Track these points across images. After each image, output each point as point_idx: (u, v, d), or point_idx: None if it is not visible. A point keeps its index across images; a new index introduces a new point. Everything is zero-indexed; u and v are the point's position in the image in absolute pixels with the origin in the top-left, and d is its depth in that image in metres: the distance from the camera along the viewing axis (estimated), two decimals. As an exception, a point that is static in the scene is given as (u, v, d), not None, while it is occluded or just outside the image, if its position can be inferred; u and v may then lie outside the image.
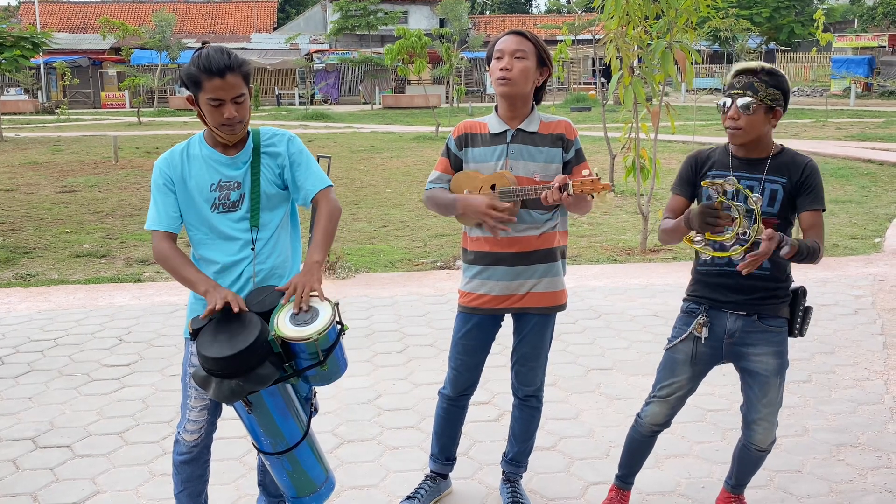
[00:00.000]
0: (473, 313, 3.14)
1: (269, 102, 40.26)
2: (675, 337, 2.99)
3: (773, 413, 2.91)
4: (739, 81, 2.75)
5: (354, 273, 7.28)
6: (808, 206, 2.77)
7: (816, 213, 2.77)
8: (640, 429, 3.09)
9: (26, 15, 44.92)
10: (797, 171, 2.78)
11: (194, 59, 2.57)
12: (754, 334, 2.86)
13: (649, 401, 3.06)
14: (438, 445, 3.38)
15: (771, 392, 2.88)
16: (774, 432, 2.95)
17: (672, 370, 2.98)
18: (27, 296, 6.62)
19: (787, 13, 38.88)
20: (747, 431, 2.97)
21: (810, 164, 2.79)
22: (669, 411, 3.02)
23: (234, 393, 2.43)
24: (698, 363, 2.94)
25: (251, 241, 2.70)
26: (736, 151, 2.85)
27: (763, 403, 2.89)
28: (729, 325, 2.88)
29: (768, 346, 2.86)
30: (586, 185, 2.80)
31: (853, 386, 4.59)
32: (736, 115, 2.73)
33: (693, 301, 2.96)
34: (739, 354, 2.90)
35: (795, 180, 2.77)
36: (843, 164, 14.30)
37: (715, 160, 2.89)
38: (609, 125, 9.66)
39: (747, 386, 2.93)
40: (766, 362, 2.86)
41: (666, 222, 2.91)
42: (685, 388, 2.98)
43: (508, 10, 67.41)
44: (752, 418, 2.93)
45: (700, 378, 3.00)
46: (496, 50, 2.98)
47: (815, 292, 6.41)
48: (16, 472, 3.69)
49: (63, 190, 12.57)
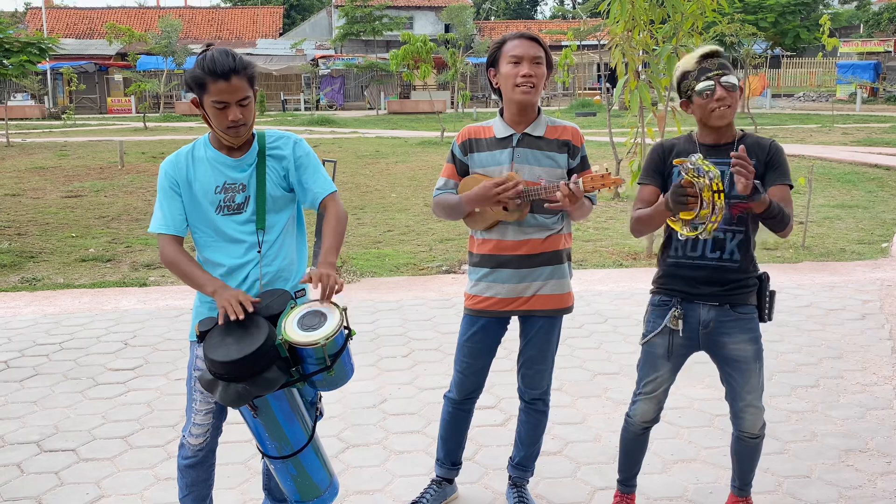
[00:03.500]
0: (479, 316, 3.12)
1: (275, 108, 40.31)
2: (650, 331, 3.01)
3: (758, 398, 2.96)
4: (713, 63, 2.81)
5: (360, 277, 7.27)
6: (777, 182, 2.84)
7: (784, 188, 2.84)
8: (631, 428, 3.12)
9: (33, 21, 45.11)
10: (763, 151, 2.86)
11: (199, 61, 2.56)
12: (728, 323, 2.91)
13: (636, 399, 3.08)
14: (444, 450, 3.36)
15: (752, 378, 2.93)
16: (762, 417, 2.98)
17: (653, 365, 3.01)
18: (33, 300, 6.62)
19: (792, 18, 38.78)
20: (736, 421, 3.00)
21: (774, 144, 2.88)
22: (657, 406, 3.06)
23: (240, 397, 2.42)
24: (676, 355, 2.99)
25: (257, 243, 2.69)
26: (702, 139, 2.91)
27: (746, 390, 2.94)
28: (703, 316, 2.91)
29: (743, 332, 2.91)
30: (597, 181, 2.79)
31: (861, 391, 4.57)
32: (723, 94, 2.78)
33: (664, 293, 2.98)
34: (716, 344, 2.94)
35: (762, 160, 2.84)
36: (850, 169, 14.25)
37: (681, 149, 2.92)
38: (615, 130, 9.64)
39: (728, 375, 2.97)
40: (743, 349, 2.91)
41: (639, 212, 2.93)
42: (668, 381, 3.03)
43: (513, 15, 67.50)
44: (738, 406, 2.97)
45: (678, 369, 3.04)
46: (512, 55, 2.94)
47: (822, 297, 6.40)
48: (20, 475, 3.69)
49: (69, 195, 12.60)
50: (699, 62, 2.83)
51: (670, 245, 2.95)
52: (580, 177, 2.81)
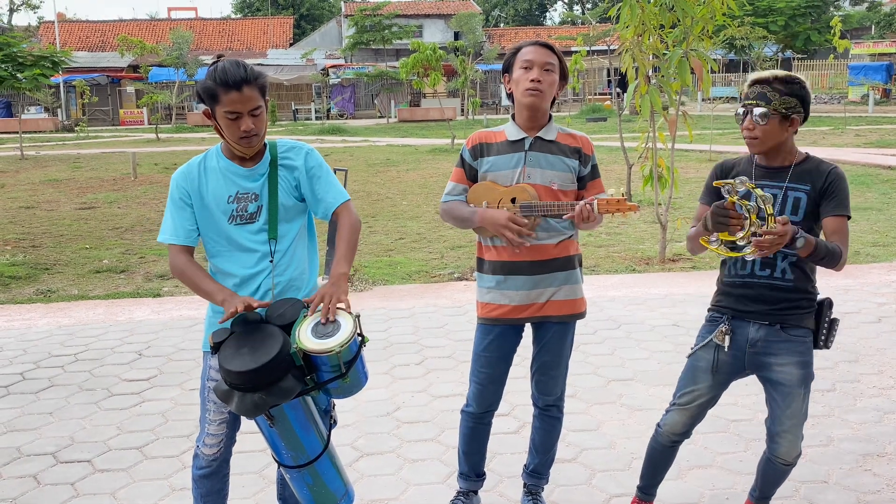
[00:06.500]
0: (494, 324, 3.11)
1: (286, 117, 40.46)
2: (697, 344, 2.97)
3: (798, 425, 2.86)
4: (753, 91, 2.76)
5: (372, 285, 7.27)
6: (831, 212, 2.74)
7: (840, 219, 2.73)
8: (659, 438, 3.06)
9: (46, 34, 45.46)
10: (820, 178, 2.76)
11: (210, 72, 2.57)
12: (777, 344, 2.82)
13: (669, 409, 3.03)
14: (468, 464, 3.33)
15: (795, 403, 2.83)
16: (800, 445, 2.90)
17: (693, 378, 2.95)
18: (47, 311, 6.66)
19: (803, 21, 38.66)
20: (772, 444, 2.92)
21: (835, 171, 2.77)
22: (689, 420, 2.98)
23: (256, 406, 2.42)
24: (720, 372, 2.91)
25: (269, 252, 2.70)
26: (759, 160, 2.85)
27: (787, 415, 2.84)
28: (751, 335, 2.85)
29: (791, 355, 2.81)
30: (612, 205, 2.78)
31: (878, 395, 4.53)
32: (751, 125, 2.74)
33: (716, 311, 2.95)
34: (762, 364, 2.86)
35: (819, 187, 2.75)
36: (863, 171, 14.17)
37: (739, 169, 2.88)
38: (626, 135, 9.62)
39: (771, 398, 2.89)
40: (789, 372, 2.81)
41: (693, 230, 2.91)
42: (706, 396, 2.95)
43: (522, 22, 67.51)
44: (776, 430, 2.88)
45: (722, 388, 2.97)
46: (524, 60, 2.96)
47: (837, 300, 6.32)
48: (37, 487, 3.70)
49: (83, 206, 12.68)
50: (750, 85, 2.79)
51: (725, 264, 2.92)
52: (595, 199, 2.80)
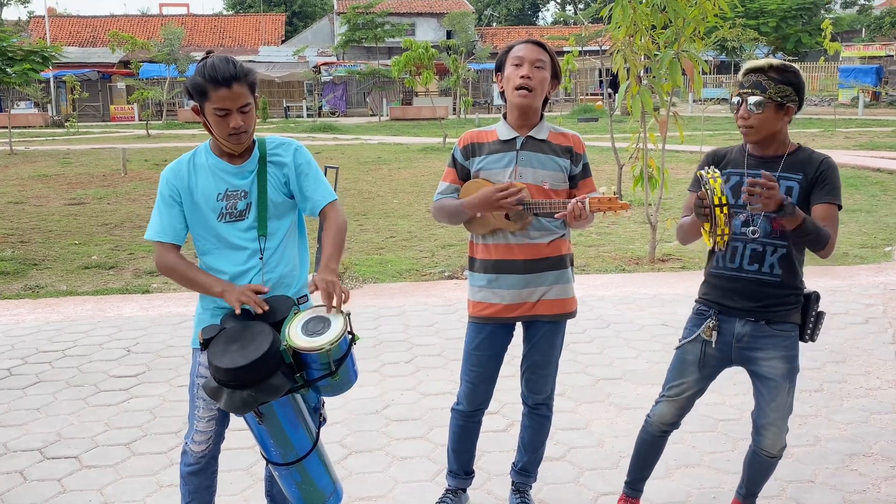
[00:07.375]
0: (485, 323, 3.12)
1: (277, 115, 40.36)
2: (685, 338, 2.99)
3: (783, 418, 2.89)
4: (748, 80, 2.77)
5: (362, 283, 7.27)
6: (822, 199, 2.74)
7: (830, 206, 2.73)
8: (649, 429, 3.10)
9: (36, 29, 45.19)
10: (812, 167, 2.77)
11: (199, 69, 2.56)
12: (763, 339, 2.85)
13: (659, 400, 3.07)
14: (457, 462, 3.34)
15: (780, 396, 2.86)
16: (784, 438, 2.93)
17: (681, 371, 2.99)
18: (36, 307, 6.63)
19: (794, 23, 38.83)
20: (757, 437, 2.95)
21: (827, 161, 2.78)
22: (678, 411, 3.03)
23: (245, 404, 2.42)
24: (707, 366, 2.95)
25: (259, 250, 2.69)
26: (752, 150, 2.86)
27: (772, 408, 2.87)
28: (738, 330, 2.87)
29: (777, 350, 2.84)
30: (604, 204, 2.78)
31: (865, 395, 4.55)
32: (746, 114, 2.75)
33: (703, 304, 2.96)
34: (749, 359, 2.89)
35: (811, 176, 2.76)
36: (853, 173, 14.23)
37: (731, 159, 2.90)
38: (617, 135, 9.65)
39: (757, 390, 2.93)
40: (775, 366, 2.85)
41: (683, 219, 2.93)
42: (694, 388, 2.99)
43: (515, 21, 67.54)
44: (761, 423, 2.92)
45: (709, 380, 3.00)
46: (514, 56, 2.96)
47: (825, 301, 6.32)
48: (23, 483, 3.69)
49: (72, 202, 12.62)
50: (744, 74, 2.79)
51: (713, 255, 2.93)
52: (587, 197, 2.80)
